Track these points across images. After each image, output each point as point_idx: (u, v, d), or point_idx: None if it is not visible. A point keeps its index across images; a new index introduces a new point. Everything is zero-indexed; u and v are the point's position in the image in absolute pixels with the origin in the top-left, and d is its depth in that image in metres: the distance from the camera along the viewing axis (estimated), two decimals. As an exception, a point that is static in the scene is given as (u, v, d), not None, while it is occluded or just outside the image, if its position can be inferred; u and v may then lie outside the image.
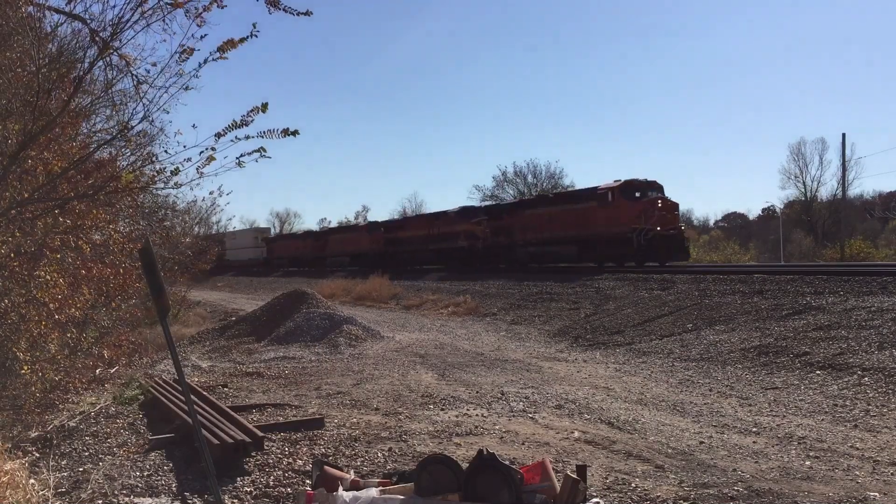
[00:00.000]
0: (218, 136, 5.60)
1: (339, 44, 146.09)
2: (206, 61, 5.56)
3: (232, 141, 5.59)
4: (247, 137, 5.59)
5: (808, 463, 5.93)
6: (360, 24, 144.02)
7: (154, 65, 6.18)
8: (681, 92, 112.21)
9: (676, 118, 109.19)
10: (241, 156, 5.65)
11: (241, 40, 5.59)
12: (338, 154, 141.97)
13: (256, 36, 5.52)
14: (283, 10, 5.88)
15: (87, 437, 6.99)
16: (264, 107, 5.63)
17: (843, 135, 68.38)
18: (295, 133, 5.59)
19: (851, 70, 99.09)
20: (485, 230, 33.03)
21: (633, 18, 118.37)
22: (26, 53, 6.27)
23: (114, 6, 5.91)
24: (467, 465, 4.20)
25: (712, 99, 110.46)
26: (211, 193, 15.31)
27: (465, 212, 36.10)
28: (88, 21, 6.33)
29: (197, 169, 5.80)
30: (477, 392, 9.20)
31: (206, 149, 5.61)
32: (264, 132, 5.57)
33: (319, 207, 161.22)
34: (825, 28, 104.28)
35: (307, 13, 5.89)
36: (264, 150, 5.64)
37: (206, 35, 5.67)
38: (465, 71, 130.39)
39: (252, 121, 5.64)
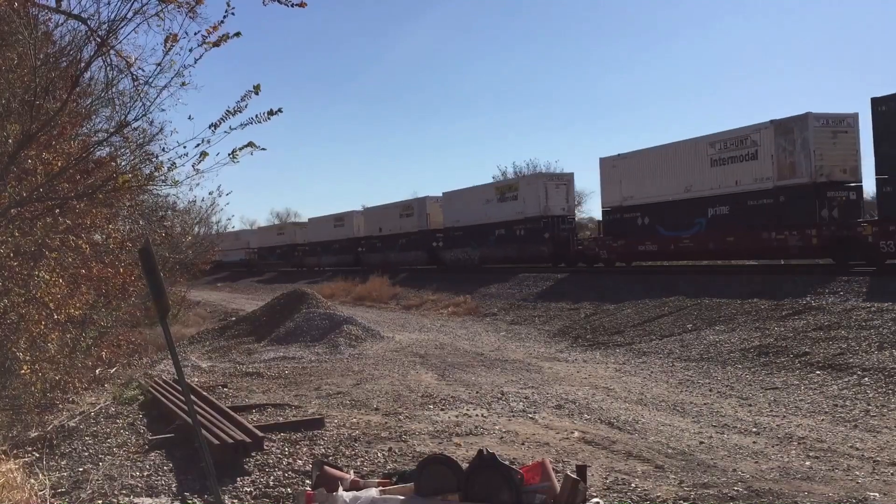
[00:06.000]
0: (214, 126, 5.61)
1: (340, 44, 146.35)
2: (197, 48, 5.55)
3: (226, 132, 5.61)
4: (241, 125, 5.64)
5: (808, 463, 5.93)
6: (360, 25, 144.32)
7: (158, 65, 6.19)
8: (681, 91, 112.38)
9: (677, 118, 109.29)
10: (234, 151, 5.69)
11: (237, 34, 5.60)
12: (338, 154, 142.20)
13: (233, 14, 5.54)
14: (278, 1, 5.90)
15: (86, 437, 6.99)
16: (257, 88, 5.65)
17: (843, 135, 68.23)
18: (279, 111, 5.64)
19: (850, 68, 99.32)
20: None
21: (634, 18, 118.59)
22: (26, 53, 6.26)
23: (108, 2, 5.88)
24: (467, 465, 4.19)
25: (712, 99, 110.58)
26: (210, 193, 15.35)
27: None
28: (86, 20, 6.33)
29: (193, 165, 5.82)
30: (477, 392, 9.19)
31: (203, 140, 5.63)
32: (253, 117, 5.64)
33: (320, 207, 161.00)
34: (824, 27, 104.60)
35: (301, 4, 5.91)
36: (255, 145, 5.68)
37: (199, 32, 5.67)
38: (466, 71, 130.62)
39: (246, 106, 5.69)
